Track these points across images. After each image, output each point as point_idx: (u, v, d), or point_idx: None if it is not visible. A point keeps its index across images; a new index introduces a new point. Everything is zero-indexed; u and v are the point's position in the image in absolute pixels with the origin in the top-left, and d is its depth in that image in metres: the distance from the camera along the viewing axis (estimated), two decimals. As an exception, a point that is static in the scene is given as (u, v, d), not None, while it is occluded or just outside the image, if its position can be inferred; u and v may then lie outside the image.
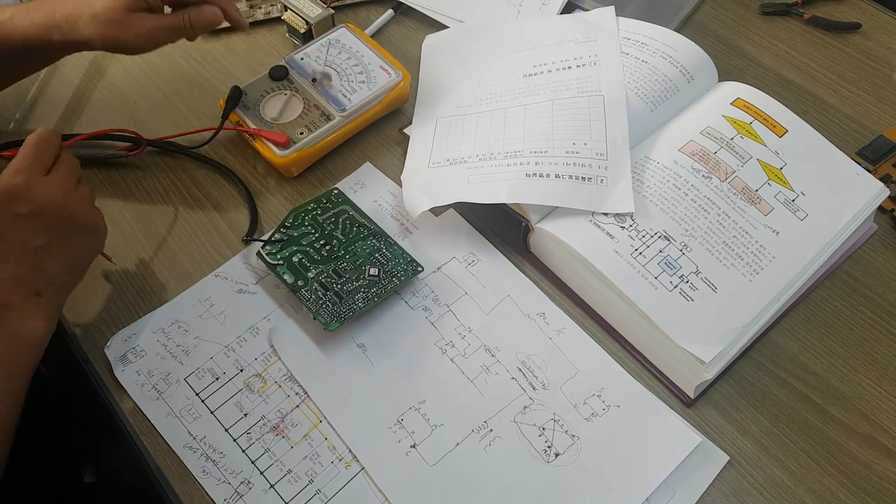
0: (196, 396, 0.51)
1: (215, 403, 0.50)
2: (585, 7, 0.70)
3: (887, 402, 0.51)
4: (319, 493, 0.47)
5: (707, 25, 0.72)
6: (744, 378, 0.52)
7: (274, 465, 0.48)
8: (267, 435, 0.49)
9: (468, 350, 0.52)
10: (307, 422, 0.50)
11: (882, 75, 0.68)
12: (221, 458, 0.48)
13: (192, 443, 0.49)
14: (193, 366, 0.52)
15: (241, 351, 0.52)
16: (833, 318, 0.54)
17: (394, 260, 0.54)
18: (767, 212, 0.54)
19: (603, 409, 0.50)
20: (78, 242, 0.49)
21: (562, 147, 0.56)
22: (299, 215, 0.56)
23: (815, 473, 0.48)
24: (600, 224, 0.53)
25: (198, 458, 0.48)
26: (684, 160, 0.55)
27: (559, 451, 0.48)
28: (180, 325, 0.54)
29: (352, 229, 0.56)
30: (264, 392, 0.51)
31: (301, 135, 0.59)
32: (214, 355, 0.52)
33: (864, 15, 0.72)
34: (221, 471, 0.48)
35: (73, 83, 0.68)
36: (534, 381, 0.51)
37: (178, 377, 0.51)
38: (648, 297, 0.50)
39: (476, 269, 0.56)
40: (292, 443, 0.49)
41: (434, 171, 0.58)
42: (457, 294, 0.55)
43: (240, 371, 0.52)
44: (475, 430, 0.49)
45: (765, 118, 0.58)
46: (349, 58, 0.64)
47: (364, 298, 0.52)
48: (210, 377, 0.51)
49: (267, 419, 0.50)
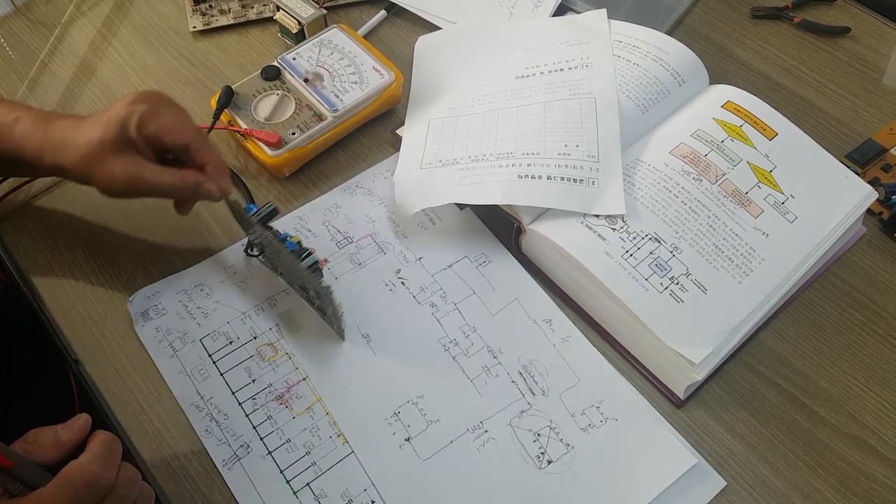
0: (209, 357, 0.52)
1: (226, 366, 0.52)
2: (577, 10, 0.70)
3: (875, 404, 0.51)
4: (315, 466, 0.48)
5: (698, 29, 0.72)
6: (733, 379, 0.52)
7: (274, 433, 0.49)
8: (271, 403, 0.50)
9: (471, 349, 0.52)
10: (312, 395, 0.51)
11: (871, 79, 0.68)
12: (225, 419, 0.50)
13: (198, 402, 0.50)
14: (210, 328, 0.53)
15: (257, 319, 0.54)
16: (822, 320, 0.55)
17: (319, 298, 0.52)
18: (757, 214, 0.54)
19: (601, 421, 0.50)
20: None
21: (554, 149, 0.56)
22: (259, 229, 0.53)
23: (803, 474, 0.48)
24: (591, 226, 0.53)
25: (202, 417, 0.50)
26: (675, 162, 0.56)
27: (552, 458, 0.48)
28: (203, 288, 0.55)
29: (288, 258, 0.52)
30: (274, 361, 0.52)
31: (293, 135, 0.59)
32: (231, 320, 0.53)
33: (853, 19, 0.72)
34: (224, 432, 0.49)
35: (63, 82, 0.67)
36: (534, 386, 0.51)
37: (194, 337, 0.53)
38: (639, 298, 0.50)
39: (486, 270, 0.56)
40: (295, 413, 0.50)
41: (426, 172, 0.58)
42: (465, 293, 0.55)
43: (254, 338, 0.53)
44: (470, 429, 0.49)
45: (755, 121, 0.58)
46: (341, 58, 0.64)
47: (332, 316, 0.52)
48: (224, 340, 0.53)
49: (273, 388, 0.51)
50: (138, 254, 0.57)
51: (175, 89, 0.67)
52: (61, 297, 0.55)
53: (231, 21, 0.71)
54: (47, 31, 0.71)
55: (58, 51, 0.70)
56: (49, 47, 0.70)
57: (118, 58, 0.69)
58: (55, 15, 0.73)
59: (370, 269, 0.56)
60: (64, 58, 0.69)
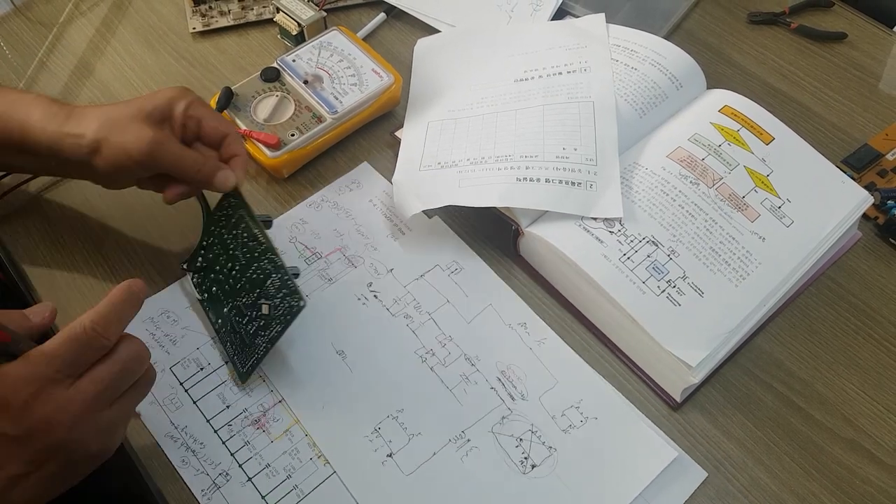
0: (180, 386, 0.51)
1: (199, 394, 0.51)
2: (576, 14, 0.70)
3: (870, 407, 0.51)
4: (297, 489, 0.47)
5: (696, 33, 0.73)
6: (729, 382, 0.52)
7: (253, 459, 0.48)
8: (248, 428, 0.49)
9: (448, 359, 0.52)
10: (288, 418, 0.50)
11: (867, 85, 0.69)
12: (201, 448, 0.48)
13: (173, 432, 0.49)
14: (180, 355, 0.52)
15: None
16: (818, 323, 0.55)
17: (280, 292, 0.49)
18: (754, 218, 0.54)
19: (581, 421, 0.50)
20: (69, 473, 0.39)
21: (552, 152, 0.56)
22: (209, 230, 0.53)
23: (798, 477, 0.49)
24: (589, 229, 0.53)
25: (178, 448, 0.48)
26: (672, 166, 0.56)
27: (536, 462, 0.48)
28: (169, 314, 0.54)
29: (248, 245, 0.51)
30: (248, 385, 0.51)
31: (292, 136, 0.59)
32: (201, 346, 0.52)
33: (850, 25, 0.73)
34: (201, 461, 0.48)
35: (62, 81, 0.67)
36: (513, 391, 0.51)
37: (163, 366, 0.51)
38: (636, 301, 0.50)
39: (459, 278, 0.56)
40: (273, 437, 0.49)
41: (425, 174, 0.58)
42: (439, 302, 0.54)
43: (225, 363, 0.52)
44: (452, 439, 0.49)
45: (752, 126, 0.58)
46: (341, 60, 0.64)
47: (265, 341, 0.49)
48: (195, 367, 0.52)
49: (249, 412, 0.50)
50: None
51: (174, 90, 0.67)
52: (60, 297, 0.55)
53: (231, 22, 0.71)
54: (46, 30, 0.71)
55: (56, 50, 0.70)
56: (47, 46, 0.70)
57: (117, 58, 0.69)
58: (54, 14, 0.73)
59: (341, 284, 0.55)
60: (62, 57, 0.69)
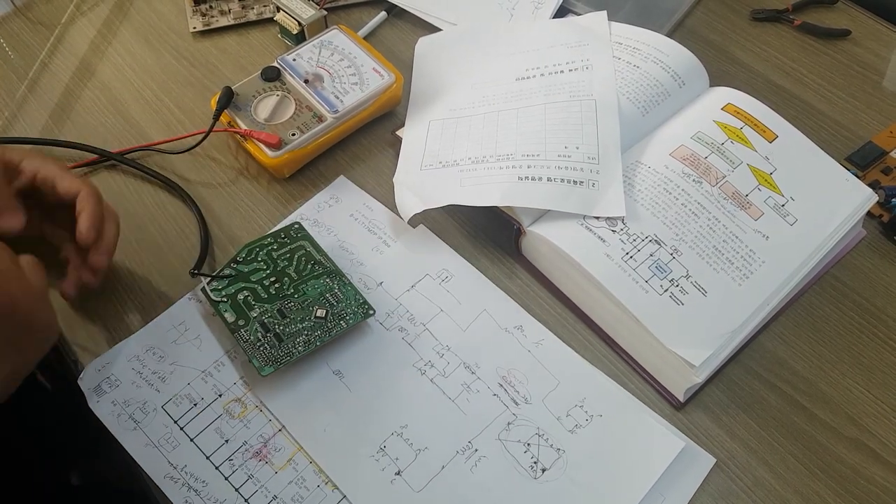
0: (175, 424, 0.49)
1: (195, 430, 0.49)
2: (578, 11, 0.70)
3: (875, 407, 0.51)
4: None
5: (698, 31, 0.72)
6: (733, 382, 0.52)
7: (259, 492, 0.46)
8: (250, 461, 0.47)
9: (447, 369, 0.51)
10: (291, 446, 0.48)
11: (871, 82, 0.68)
12: (204, 486, 0.47)
13: (172, 472, 0.47)
14: (171, 392, 0.50)
15: (219, 376, 0.51)
16: (822, 322, 0.55)
17: (345, 301, 0.51)
18: (757, 216, 0.54)
19: (586, 420, 0.49)
20: (10, 348, 0.38)
21: (554, 151, 0.56)
22: (253, 250, 0.54)
23: (802, 477, 0.48)
24: (592, 228, 0.53)
25: (179, 489, 0.46)
26: (675, 165, 0.56)
27: (545, 465, 0.48)
28: (155, 351, 0.52)
29: (306, 266, 0.53)
30: (245, 417, 0.49)
31: (293, 136, 0.59)
32: (192, 381, 0.50)
33: (853, 22, 0.73)
34: (205, 500, 0.46)
35: (63, 82, 0.67)
36: (515, 395, 0.50)
37: (155, 405, 0.49)
38: (639, 300, 0.50)
39: (450, 286, 0.55)
40: (276, 468, 0.47)
41: (427, 173, 0.58)
42: (432, 312, 0.53)
43: (219, 396, 0.50)
44: (460, 451, 0.48)
45: (755, 123, 0.58)
46: (342, 59, 0.64)
47: (305, 342, 0.50)
48: (188, 403, 0.50)
49: (249, 444, 0.48)
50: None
51: (175, 90, 0.67)
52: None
53: (231, 22, 0.71)
54: (47, 30, 0.71)
55: (58, 51, 0.70)
56: (49, 47, 0.70)
57: (118, 58, 0.69)
58: (55, 15, 0.73)
59: None
60: (64, 58, 0.69)
